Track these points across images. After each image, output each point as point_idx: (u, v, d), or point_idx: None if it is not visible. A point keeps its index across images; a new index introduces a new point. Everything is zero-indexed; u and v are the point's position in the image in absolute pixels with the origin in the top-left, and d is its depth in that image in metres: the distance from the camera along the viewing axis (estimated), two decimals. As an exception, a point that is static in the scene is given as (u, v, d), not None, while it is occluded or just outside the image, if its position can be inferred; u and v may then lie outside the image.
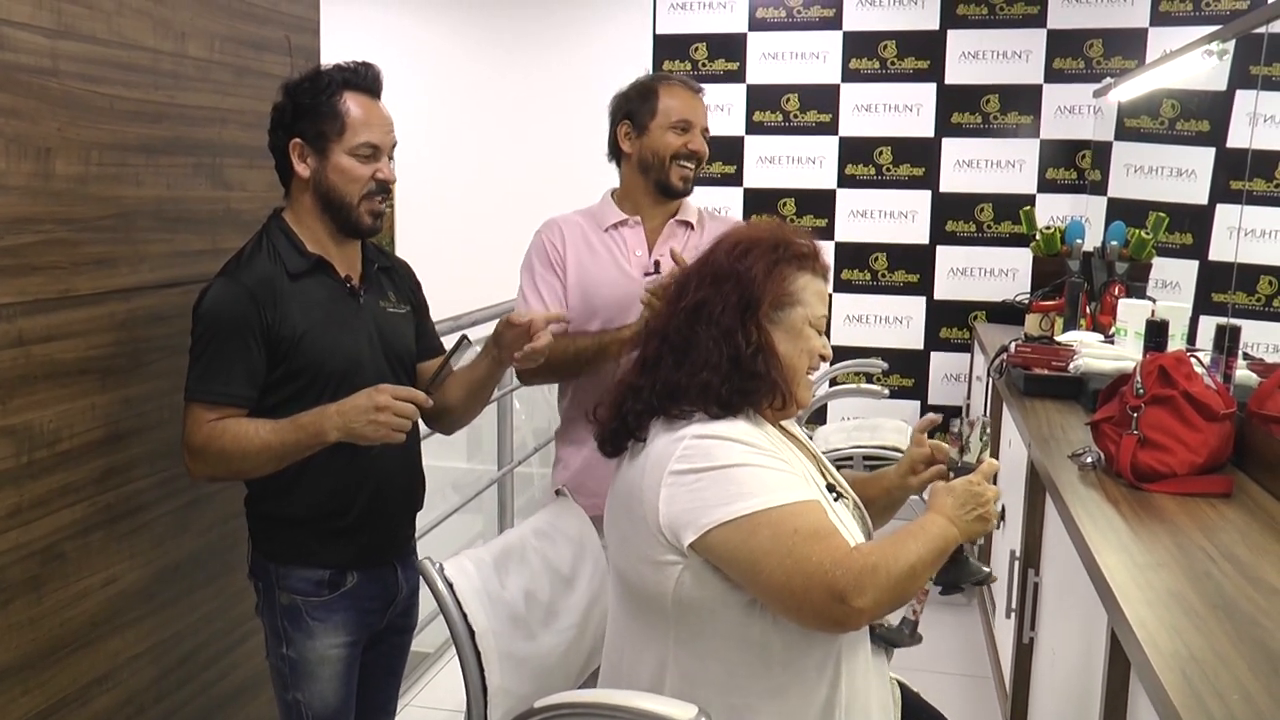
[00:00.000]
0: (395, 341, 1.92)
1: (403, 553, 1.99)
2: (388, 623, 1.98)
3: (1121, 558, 1.64)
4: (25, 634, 1.71)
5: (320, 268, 1.83)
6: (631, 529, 1.50)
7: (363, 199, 1.82)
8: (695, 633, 1.48)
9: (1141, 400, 2.07)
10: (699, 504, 1.42)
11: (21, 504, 1.69)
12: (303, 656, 1.86)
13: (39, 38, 1.67)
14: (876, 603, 1.37)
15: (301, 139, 1.80)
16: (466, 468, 4.99)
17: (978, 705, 3.13)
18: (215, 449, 1.73)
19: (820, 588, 1.35)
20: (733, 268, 1.53)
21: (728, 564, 1.42)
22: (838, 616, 1.37)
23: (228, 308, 1.74)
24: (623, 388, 1.57)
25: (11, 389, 1.66)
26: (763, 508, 1.40)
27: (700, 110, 2.27)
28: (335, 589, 1.86)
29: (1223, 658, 1.29)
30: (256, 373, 1.76)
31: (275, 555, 1.87)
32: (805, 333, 1.56)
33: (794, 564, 1.36)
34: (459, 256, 5.04)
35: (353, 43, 4.97)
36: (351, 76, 1.81)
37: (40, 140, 1.68)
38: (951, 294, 4.82)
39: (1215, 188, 3.76)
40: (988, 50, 4.69)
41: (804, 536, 1.38)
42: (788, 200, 4.92)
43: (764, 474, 1.44)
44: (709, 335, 1.50)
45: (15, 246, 1.65)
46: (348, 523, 1.85)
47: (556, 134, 5.12)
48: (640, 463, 1.50)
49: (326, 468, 1.80)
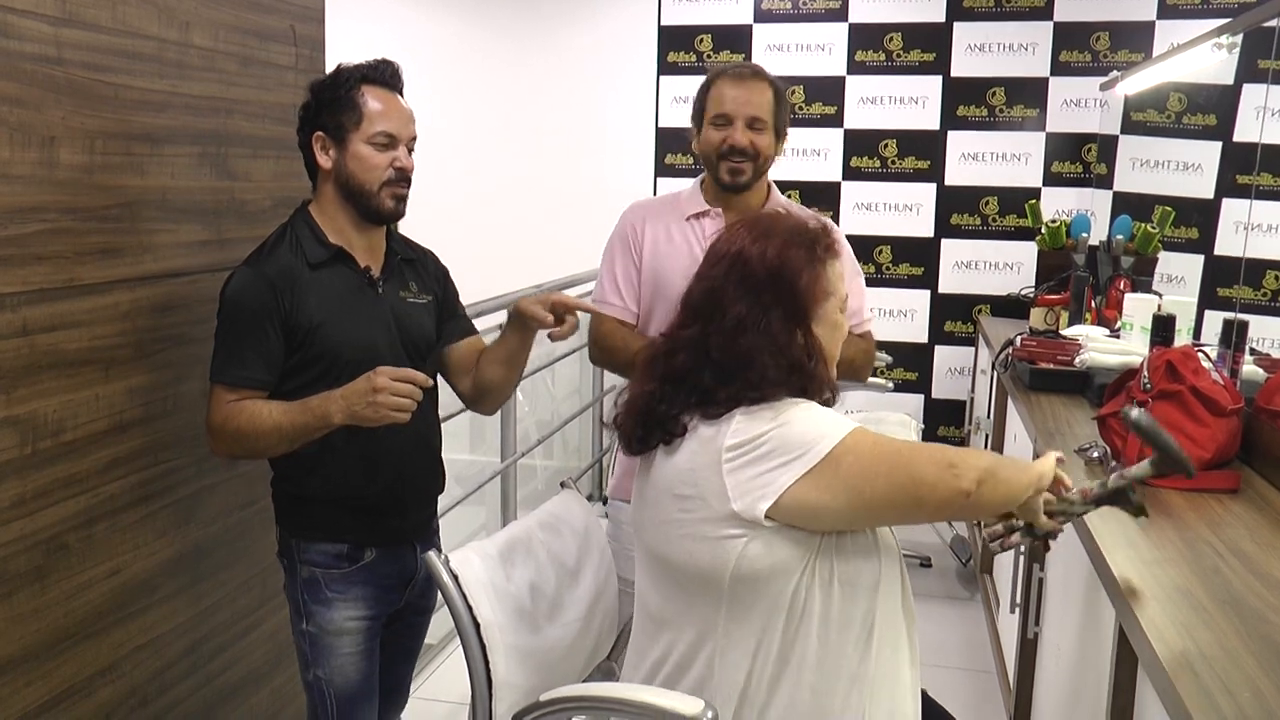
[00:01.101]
0: (413, 330, 1.96)
1: (423, 534, 2.04)
2: (406, 602, 2.03)
3: (1128, 553, 1.64)
4: (29, 625, 1.70)
5: (340, 258, 1.89)
6: (680, 511, 1.48)
7: (383, 186, 1.87)
8: (747, 606, 1.47)
9: (1148, 395, 2.07)
10: (766, 469, 1.41)
11: (25, 494, 1.68)
12: (321, 629, 1.92)
13: (43, 25, 1.66)
14: (975, 466, 1.43)
15: (323, 131, 1.87)
16: (469, 459, 4.98)
17: (981, 700, 3.13)
18: (232, 428, 1.80)
19: (926, 469, 1.42)
20: (774, 278, 1.49)
21: (821, 509, 1.41)
22: (953, 483, 1.42)
23: (249, 296, 1.81)
24: (648, 397, 1.54)
25: (15, 379, 1.65)
26: (833, 445, 1.41)
27: (745, 99, 2.17)
28: (354, 563, 1.92)
29: (1232, 654, 1.29)
30: (274, 358, 1.82)
31: (297, 531, 1.94)
32: (838, 319, 1.57)
33: (890, 468, 1.41)
34: (462, 246, 5.02)
35: (357, 33, 4.96)
36: (370, 72, 1.88)
37: (45, 129, 1.68)
38: (956, 287, 4.81)
39: (1221, 182, 3.74)
40: (994, 43, 4.68)
41: (884, 445, 1.44)
42: (792, 193, 4.90)
43: (815, 417, 1.46)
44: (763, 348, 1.47)
45: (19, 236, 1.64)
46: (366, 502, 1.91)
47: (560, 125, 5.12)
48: (685, 448, 1.48)
49: (345, 450, 1.87)
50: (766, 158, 2.20)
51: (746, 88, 2.18)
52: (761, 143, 2.17)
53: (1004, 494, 1.49)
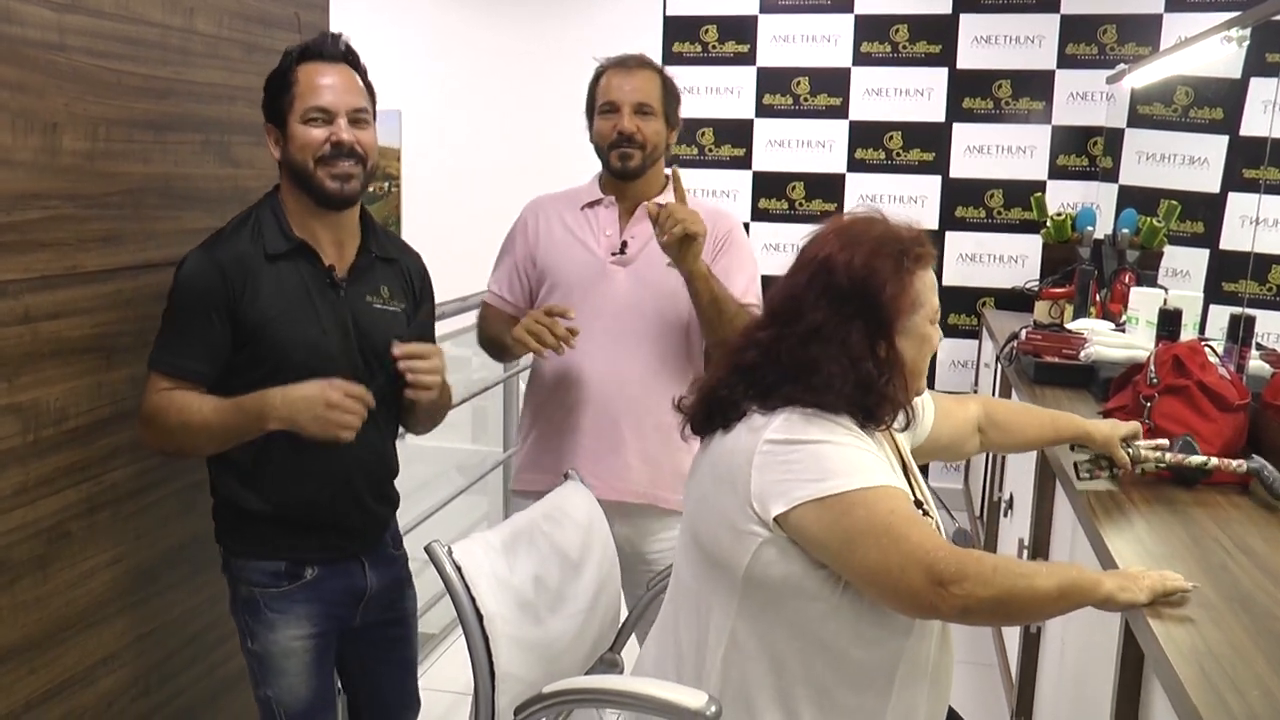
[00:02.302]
0: (374, 337, 1.82)
1: (373, 549, 1.92)
2: (368, 620, 1.93)
3: (1135, 549, 1.63)
4: (31, 613, 1.70)
5: (301, 252, 1.79)
6: (715, 490, 1.47)
7: (318, 163, 1.74)
8: (759, 609, 1.45)
9: (1155, 390, 2.06)
10: (790, 477, 1.39)
11: (27, 482, 1.68)
12: (266, 650, 1.83)
13: (46, 11, 1.65)
14: (973, 596, 1.31)
15: (271, 122, 1.79)
16: (471, 449, 4.99)
17: (983, 694, 3.13)
18: (160, 419, 1.71)
19: (918, 568, 1.31)
20: (857, 288, 1.45)
21: (817, 541, 1.38)
22: (932, 601, 1.32)
23: (197, 281, 1.72)
24: (714, 384, 1.53)
25: (18, 366, 1.64)
26: (857, 487, 1.36)
27: (632, 87, 2.19)
28: (294, 580, 1.82)
29: (1240, 652, 1.28)
30: (217, 349, 1.73)
31: (233, 548, 1.85)
32: (926, 331, 1.52)
33: (890, 543, 1.33)
34: (463, 237, 5.01)
35: (361, 20, 4.94)
36: (304, 51, 1.77)
37: (47, 115, 1.66)
38: (960, 280, 4.80)
39: (1228, 176, 3.73)
40: (1000, 35, 4.66)
41: (900, 518, 1.35)
42: (797, 184, 4.89)
43: (858, 455, 1.41)
44: (833, 359, 1.44)
45: (22, 223, 1.63)
46: (307, 515, 1.81)
47: (563, 117, 5.08)
48: (737, 432, 1.47)
49: (284, 461, 1.76)
50: (654, 145, 2.21)
51: (633, 76, 2.21)
52: (648, 129, 2.19)
53: (1032, 614, 1.50)
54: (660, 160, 2.26)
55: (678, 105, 2.27)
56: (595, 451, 2.18)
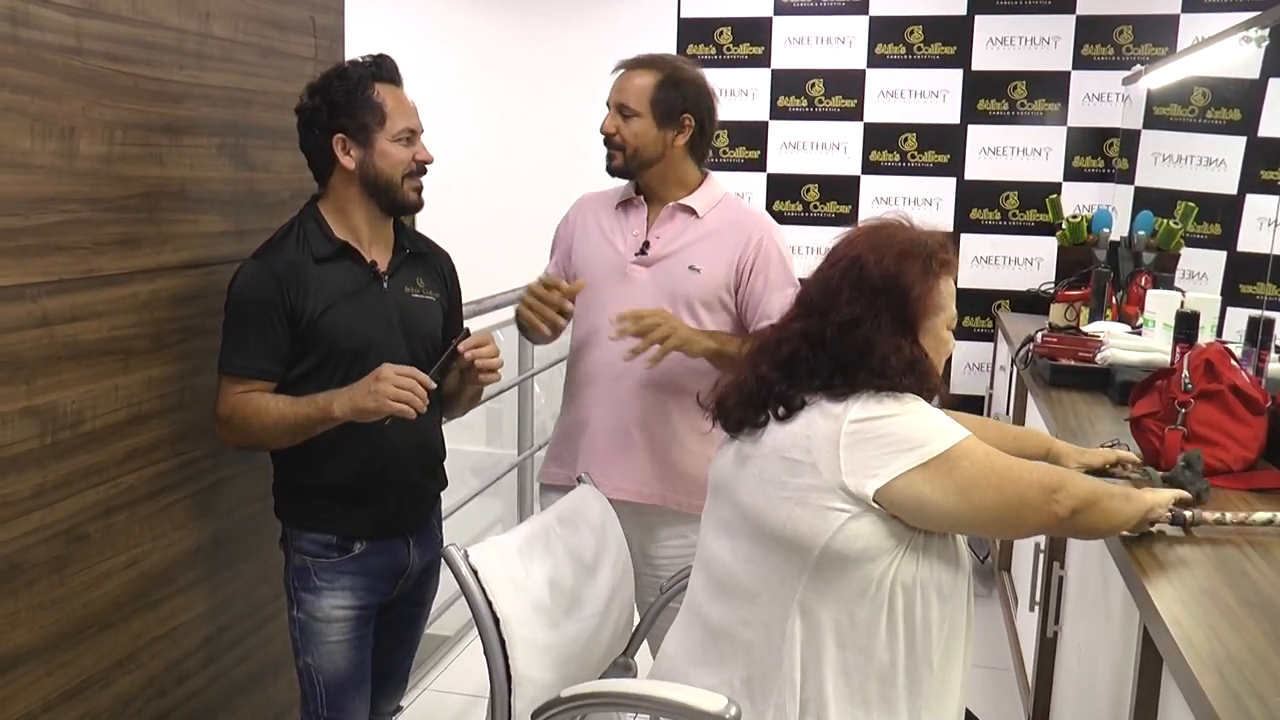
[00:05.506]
0: (417, 324, 2.00)
1: (419, 528, 2.06)
2: (400, 594, 2.06)
3: (1154, 554, 1.61)
4: (49, 615, 1.71)
5: (345, 253, 1.93)
6: (784, 474, 1.48)
7: (405, 178, 1.93)
8: (828, 582, 1.47)
9: (1190, 395, 2.02)
10: (884, 451, 1.44)
11: (45, 485, 1.68)
12: (310, 616, 1.96)
13: (63, 16, 1.66)
14: (1075, 495, 1.49)
15: (344, 134, 1.89)
16: (486, 451, 4.99)
17: (998, 698, 3.12)
18: (238, 419, 1.85)
19: (1032, 489, 1.47)
20: (888, 285, 1.52)
21: (930, 503, 1.44)
22: (1053, 510, 1.48)
23: (254, 289, 1.86)
24: (760, 383, 1.56)
25: (35, 369, 1.65)
26: (954, 443, 1.45)
27: (620, 87, 2.21)
28: (343, 553, 1.96)
29: (1261, 658, 1.27)
30: (279, 349, 1.87)
31: (290, 518, 1.99)
32: (944, 335, 1.60)
33: (1000, 480, 1.46)
34: (477, 238, 5.02)
35: (374, 25, 4.96)
36: (377, 70, 1.92)
37: (65, 119, 1.67)
38: (975, 282, 4.78)
39: (1245, 177, 3.71)
40: (1015, 36, 4.64)
41: (996, 456, 1.48)
42: (811, 186, 4.88)
43: (938, 417, 1.49)
44: (879, 341, 1.50)
45: (39, 226, 1.64)
46: (358, 494, 1.95)
47: (578, 119, 5.09)
48: (804, 417, 1.49)
49: (339, 443, 1.90)
50: (636, 146, 2.17)
51: (626, 76, 2.21)
52: (628, 130, 2.17)
53: (1104, 524, 1.57)
54: (668, 159, 2.20)
55: (684, 104, 2.20)
56: (606, 450, 2.18)
